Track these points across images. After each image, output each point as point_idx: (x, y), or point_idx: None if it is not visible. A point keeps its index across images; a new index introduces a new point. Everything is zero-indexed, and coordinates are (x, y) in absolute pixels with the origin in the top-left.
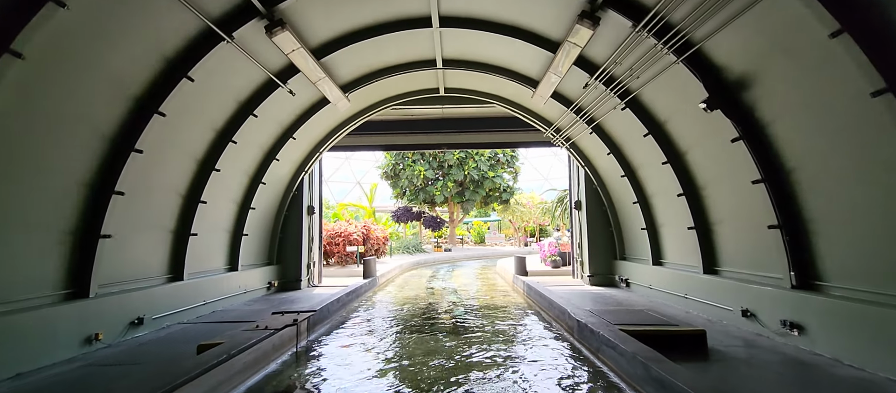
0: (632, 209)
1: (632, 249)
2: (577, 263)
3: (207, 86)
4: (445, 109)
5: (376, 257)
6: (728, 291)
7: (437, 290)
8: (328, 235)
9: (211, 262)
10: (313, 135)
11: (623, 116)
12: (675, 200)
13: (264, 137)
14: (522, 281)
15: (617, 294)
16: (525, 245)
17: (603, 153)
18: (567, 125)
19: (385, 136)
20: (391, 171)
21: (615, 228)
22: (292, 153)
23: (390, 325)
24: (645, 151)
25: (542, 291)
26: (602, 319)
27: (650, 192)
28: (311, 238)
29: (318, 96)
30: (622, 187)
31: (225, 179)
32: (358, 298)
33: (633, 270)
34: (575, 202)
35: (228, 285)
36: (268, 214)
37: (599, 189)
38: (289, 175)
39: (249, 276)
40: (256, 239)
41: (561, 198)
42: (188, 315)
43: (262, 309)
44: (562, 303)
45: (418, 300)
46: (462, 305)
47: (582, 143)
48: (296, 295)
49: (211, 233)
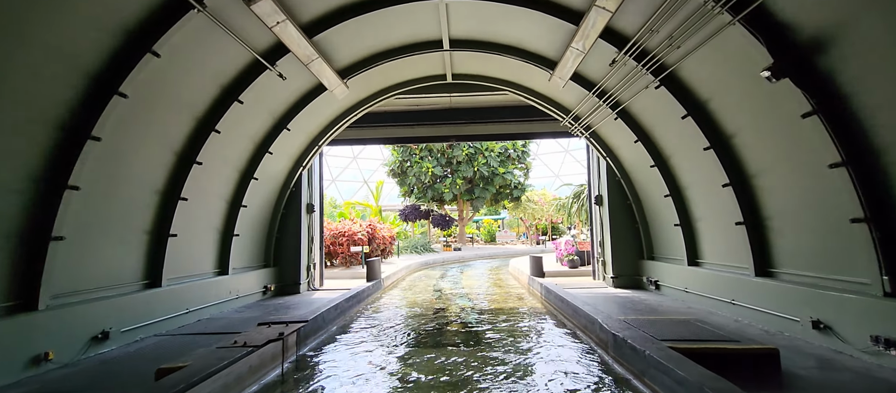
0: (662, 203)
1: (661, 248)
2: (598, 264)
3: (181, 65)
4: (453, 98)
5: (382, 258)
6: (790, 297)
7: (446, 293)
8: (331, 234)
9: (196, 265)
10: (311, 127)
11: (656, 97)
12: (717, 192)
13: (254, 128)
14: (539, 283)
15: (648, 299)
16: (537, 243)
17: (629, 141)
18: (587, 112)
19: (389, 128)
20: (398, 168)
21: (641, 224)
22: (288, 147)
23: (394, 337)
24: (681, 137)
25: (563, 295)
26: (642, 331)
27: (685, 183)
28: (311, 238)
29: (313, 82)
30: (651, 179)
31: (210, 174)
32: (359, 303)
33: (664, 271)
34: (595, 197)
35: (217, 291)
36: (263, 212)
37: (623, 182)
38: (285, 171)
39: (242, 279)
40: (250, 240)
41: (577, 193)
42: (168, 325)
43: (253, 317)
44: (588, 310)
45: (426, 306)
46: (474, 312)
47: (604, 131)
48: (293, 300)
49: (195, 233)
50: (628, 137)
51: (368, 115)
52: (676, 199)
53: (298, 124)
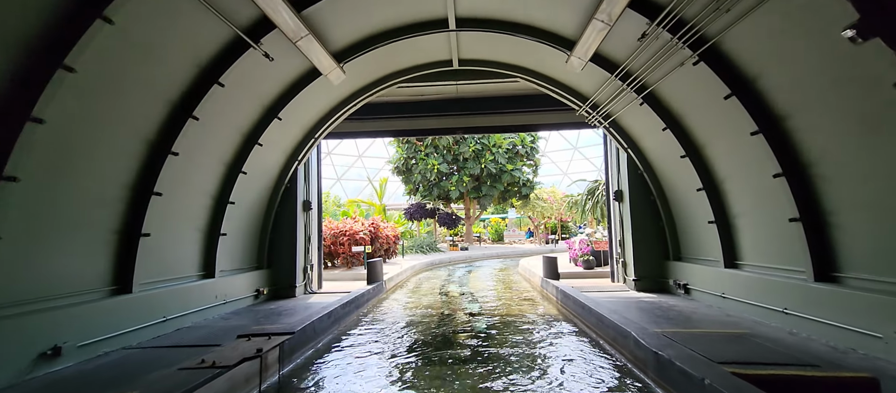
0: (693, 198)
1: (691, 248)
2: (617, 264)
3: (146, 39)
4: (460, 86)
5: (386, 258)
6: (864, 307)
7: (453, 297)
8: (332, 233)
9: (176, 268)
10: (306, 118)
11: (692, 76)
12: (765, 184)
13: (241, 116)
14: (554, 287)
15: (679, 305)
16: (546, 243)
17: (655, 129)
18: (607, 98)
19: (391, 120)
20: (403, 165)
21: (667, 222)
22: (281, 139)
23: (395, 351)
24: (719, 122)
25: (584, 300)
26: (689, 349)
27: (722, 175)
28: (307, 238)
29: (305, 66)
30: (680, 171)
31: (190, 167)
32: (358, 309)
33: (694, 274)
34: (615, 192)
35: (202, 295)
36: (254, 210)
37: (646, 175)
38: (279, 165)
39: (231, 283)
40: (240, 239)
41: (592, 189)
42: (141, 336)
43: (239, 325)
44: (616, 320)
45: (431, 311)
46: (484, 318)
47: (625, 119)
48: (287, 305)
49: (174, 233)
50: (655, 125)
51: (369, 106)
52: (711, 193)
53: (292, 114)
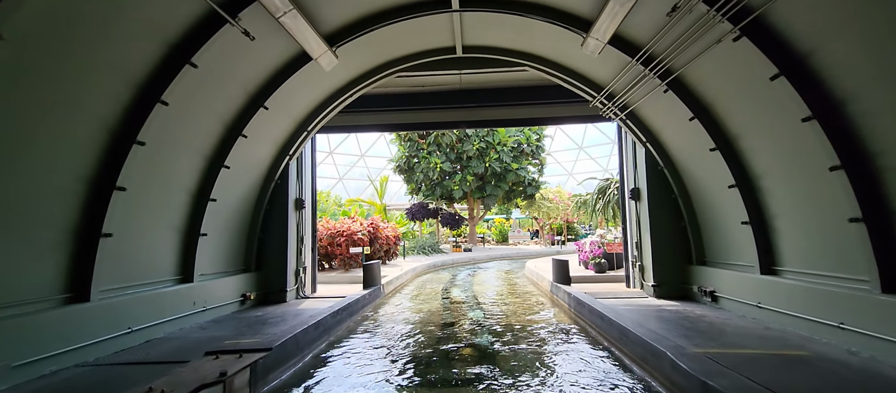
0: (723, 196)
1: (718, 251)
2: (633, 269)
3: (96, 8)
4: (464, 76)
5: (387, 260)
6: None
7: (456, 302)
8: (329, 234)
9: (147, 272)
10: (297, 109)
11: (727, 56)
12: (814, 179)
13: (221, 104)
14: (566, 293)
15: (708, 315)
16: (552, 244)
17: (680, 120)
18: (625, 87)
19: (390, 113)
20: (405, 164)
21: (690, 222)
22: (270, 131)
23: (388, 371)
24: (758, 109)
25: (602, 309)
26: (745, 378)
27: (759, 169)
28: (300, 238)
29: (293, 50)
30: (707, 167)
31: (162, 159)
32: (351, 316)
33: (723, 280)
34: (631, 190)
35: (178, 302)
36: (240, 208)
37: (667, 172)
38: (268, 159)
39: (213, 287)
40: (224, 240)
41: (603, 188)
42: (101, 350)
43: (218, 336)
44: (643, 334)
45: (432, 320)
46: (491, 330)
47: (645, 110)
48: (275, 312)
49: (144, 233)
50: (680, 115)
51: (365, 98)
52: (745, 190)
53: (281, 104)
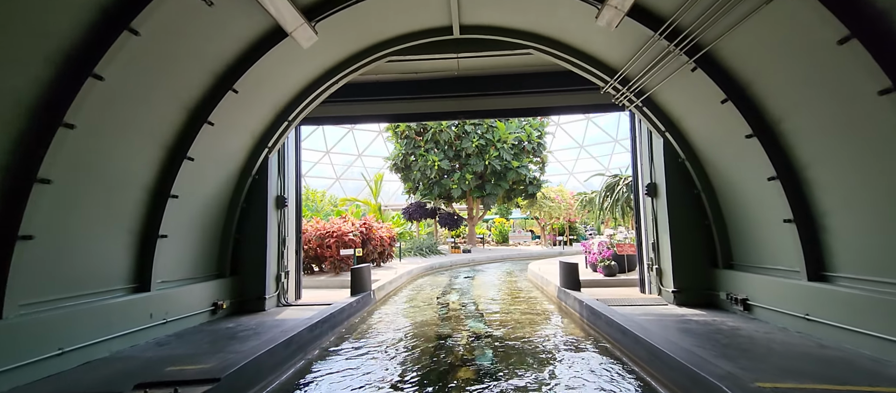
0: (758, 190)
1: (751, 253)
2: (650, 272)
3: None
4: (462, 61)
5: (381, 262)
6: None
7: (454, 310)
8: (318, 235)
9: (87, 281)
10: (276, 95)
11: (771, 25)
12: (880, 168)
13: (180, 84)
14: (577, 300)
15: (743, 327)
16: (554, 245)
17: (709, 104)
18: (643, 69)
19: (381, 103)
20: (401, 162)
21: (716, 221)
22: (244, 119)
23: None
24: (809, 86)
25: (623, 323)
26: None
27: (805, 159)
28: (282, 240)
29: (266, 23)
30: (739, 157)
31: (102, 147)
32: (334, 328)
33: (757, 286)
34: (646, 186)
35: (130, 315)
36: (211, 206)
37: (689, 164)
38: (243, 152)
39: (177, 296)
40: (190, 242)
41: (610, 184)
42: (20, 378)
43: (174, 356)
44: (685, 359)
45: (427, 332)
46: (493, 346)
47: (665, 95)
48: (250, 322)
49: (82, 234)
50: (708, 98)
51: (354, 87)
52: (789, 183)
53: (254, 88)
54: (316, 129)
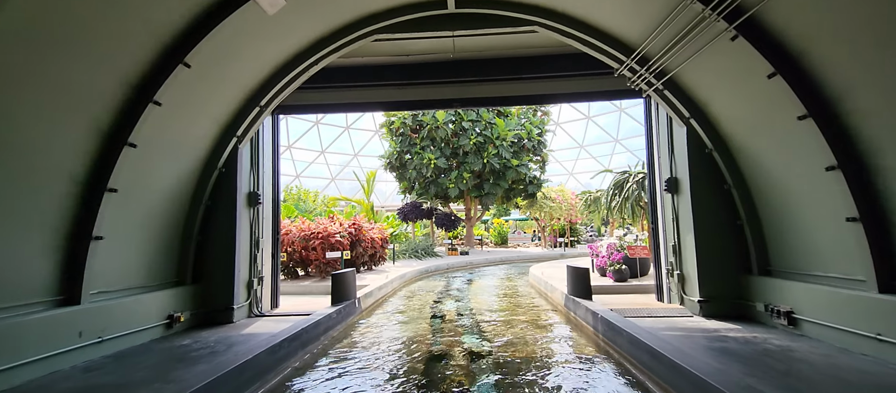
0: (808, 183)
1: (797, 258)
2: (669, 278)
3: None
4: (458, 40)
5: (373, 265)
6: None
7: (449, 321)
8: (302, 237)
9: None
10: (244, 75)
11: None
12: None
13: (117, 49)
14: (589, 311)
15: (798, 349)
16: (554, 246)
17: (748, 80)
18: (667, 44)
19: (370, 89)
20: (396, 160)
21: (750, 220)
22: (204, 102)
23: None
24: (880, 50)
25: (654, 344)
26: None
27: (876, 144)
28: (255, 242)
29: None
30: (786, 144)
31: (13, 126)
32: (306, 347)
33: (807, 297)
34: (666, 181)
35: (53, 334)
36: (166, 203)
37: (718, 155)
38: (206, 141)
39: (118, 309)
40: (137, 245)
41: (619, 182)
42: None
43: (99, 386)
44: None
45: (417, 350)
46: (493, 366)
47: (690, 75)
48: (210, 339)
49: None
50: (749, 74)
51: (339, 70)
52: (853, 173)
53: (215, 64)
54: (311, 127)
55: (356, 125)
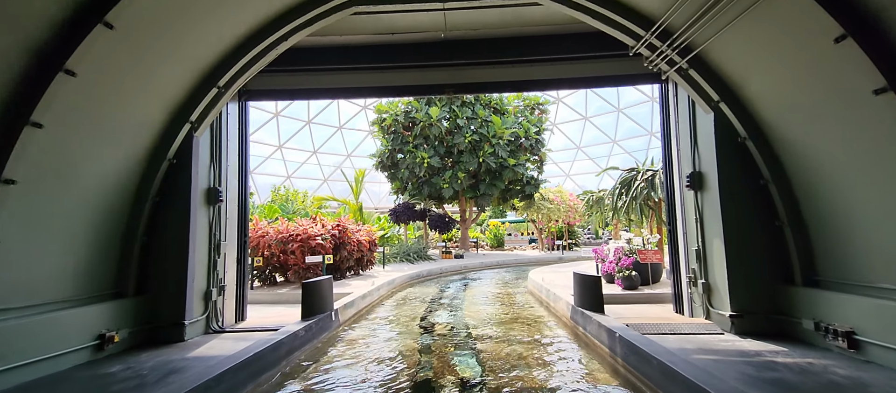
0: (880, 176)
1: (855, 267)
2: (692, 288)
3: None
4: (450, 15)
5: (360, 270)
6: None
7: (439, 337)
8: (279, 239)
9: None
10: (195, 51)
11: None
12: None
13: (9, 4)
14: (602, 327)
15: (877, 383)
16: (552, 249)
17: (802, 52)
18: (695, 13)
19: (351, 73)
20: (388, 159)
21: (792, 222)
22: (146, 78)
23: None
24: None
25: (699, 379)
26: None
27: None
28: (215, 245)
29: None
30: (848, 128)
31: None
32: (256, 378)
33: (870, 315)
34: (688, 176)
35: None
36: (100, 199)
37: (752, 145)
38: (153, 127)
39: (26, 331)
40: (56, 250)
41: (626, 180)
42: None
43: None
44: None
45: (396, 382)
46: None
47: (720, 51)
48: (146, 365)
49: None
50: (808, 39)
51: (315, 51)
52: None
53: (155, 33)
54: (303, 127)
55: (349, 125)
